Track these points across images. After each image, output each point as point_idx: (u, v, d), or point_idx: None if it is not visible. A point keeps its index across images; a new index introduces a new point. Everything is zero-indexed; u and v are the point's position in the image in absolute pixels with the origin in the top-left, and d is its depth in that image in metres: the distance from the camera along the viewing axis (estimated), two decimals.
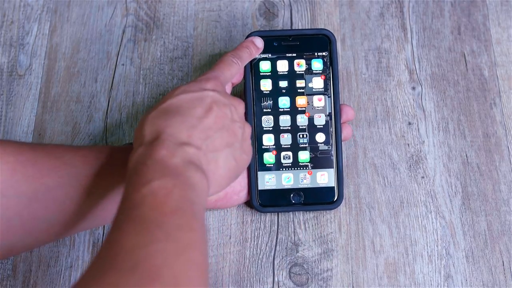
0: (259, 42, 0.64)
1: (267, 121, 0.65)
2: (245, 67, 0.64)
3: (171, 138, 0.50)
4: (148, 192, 0.46)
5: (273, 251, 0.65)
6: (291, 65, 0.65)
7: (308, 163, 0.65)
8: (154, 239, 0.43)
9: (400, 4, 0.75)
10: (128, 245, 0.43)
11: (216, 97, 0.55)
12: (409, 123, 0.70)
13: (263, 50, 0.65)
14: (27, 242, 0.55)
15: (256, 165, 0.64)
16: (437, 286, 0.64)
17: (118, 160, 0.58)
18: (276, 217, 0.66)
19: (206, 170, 0.51)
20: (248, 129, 0.59)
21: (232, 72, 0.60)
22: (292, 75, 0.65)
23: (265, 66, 0.65)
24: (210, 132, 0.53)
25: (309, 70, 0.65)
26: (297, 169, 0.64)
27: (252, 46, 0.63)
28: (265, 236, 0.65)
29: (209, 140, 0.53)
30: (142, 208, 0.45)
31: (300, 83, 0.65)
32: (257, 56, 0.65)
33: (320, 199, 0.64)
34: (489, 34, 0.74)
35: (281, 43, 0.65)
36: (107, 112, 0.70)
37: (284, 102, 0.65)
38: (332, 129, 0.64)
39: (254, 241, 0.65)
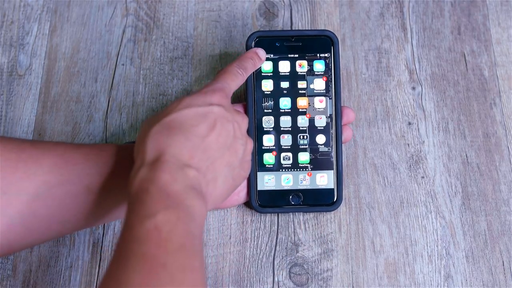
0: (263, 54, 0.64)
1: (268, 121, 0.65)
2: None
3: (173, 160, 0.50)
4: (152, 227, 0.46)
5: (273, 251, 0.65)
6: (293, 66, 0.65)
7: (308, 165, 0.64)
8: (159, 282, 0.44)
9: (400, 4, 0.75)
10: (133, 286, 0.43)
11: (220, 113, 0.54)
12: (409, 123, 0.70)
13: (265, 50, 0.64)
14: (27, 240, 0.55)
15: (256, 166, 0.64)
16: (437, 286, 0.64)
17: (119, 158, 0.58)
18: (276, 217, 0.66)
19: (205, 193, 0.52)
20: (249, 146, 0.59)
21: (237, 83, 0.59)
22: (293, 76, 0.65)
23: (267, 66, 0.65)
24: (212, 152, 0.53)
25: (310, 71, 0.65)
26: (297, 170, 0.64)
27: (256, 57, 0.63)
28: (265, 236, 0.65)
29: (210, 162, 0.53)
30: (147, 245, 0.45)
31: (301, 84, 0.65)
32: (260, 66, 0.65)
33: (319, 201, 0.64)
34: (489, 34, 0.74)
35: (283, 44, 0.65)
36: (107, 112, 0.70)
37: (285, 103, 0.65)
38: (333, 131, 0.64)
39: (254, 241, 0.65)
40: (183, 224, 0.47)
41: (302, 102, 0.65)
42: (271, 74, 0.65)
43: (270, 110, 0.65)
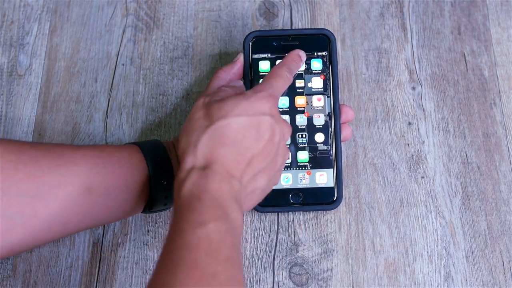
0: (303, 55, 0.63)
1: None
2: (244, 66, 0.64)
3: (222, 171, 0.50)
4: (204, 235, 0.46)
5: (273, 251, 0.65)
6: None
7: (307, 163, 0.64)
8: None
9: (400, 4, 0.75)
10: None
11: (271, 126, 0.54)
12: (409, 123, 0.70)
13: (263, 50, 0.65)
14: (28, 241, 0.55)
15: None
16: (437, 286, 0.64)
17: (119, 159, 0.58)
18: (276, 217, 0.66)
19: (242, 205, 0.52)
20: (286, 157, 0.58)
21: (285, 87, 0.58)
22: None
23: (264, 65, 0.65)
24: (256, 165, 0.53)
25: (308, 70, 0.65)
26: (296, 169, 0.64)
27: (299, 59, 0.62)
28: (265, 236, 0.65)
29: (252, 174, 0.53)
30: (198, 253, 0.46)
31: (299, 83, 0.65)
32: (257, 56, 0.65)
33: (319, 199, 0.64)
34: (489, 34, 0.74)
35: (280, 43, 0.65)
36: (107, 112, 0.70)
37: (283, 102, 0.65)
38: (332, 129, 0.64)
39: (254, 241, 0.65)
40: (230, 237, 0.48)
41: (300, 100, 0.65)
42: None
43: None
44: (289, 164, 0.64)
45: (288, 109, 0.65)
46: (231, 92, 0.56)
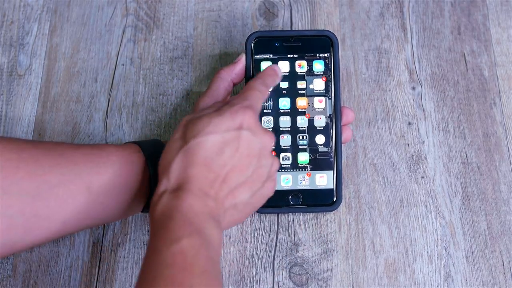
0: (279, 71, 0.63)
1: (267, 121, 0.64)
2: (246, 67, 0.64)
3: (195, 190, 0.52)
4: (178, 251, 0.48)
5: (273, 251, 0.65)
6: (292, 66, 0.65)
7: (307, 165, 0.64)
8: None
9: (400, 4, 0.75)
10: None
11: (247, 140, 0.54)
12: (409, 123, 0.70)
13: (265, 50, 0.64)
14: (28, 240, 0.55)
15: None
16: (437, 286, 0.64)
17: (119, 158, 0.58)
18: (276, 217, 0.66)
19: (221, 221, 0.53)
20: (275, 166, 0.58)
21: (263, 101, 0.59)
22: (293, 76, 0.65)
23: (266, 66, 0.65)
24: (232, 181, 0.54)
25: (310, 72, 0.65)
26: (296, 170, 0.64)
27: (275, 74, 0.62)
28: (265, 236, 0.65)
29: (229, 190, 0.54)
30: (174, 268, 0.47)
31: (301, 84, 0.65)
32: (259, 56, 0.65)
33: (318, 201, 0.64)
34: (489, 34, 0.74)
35: (282, 44, 0.65)
36: (107, 112, 0.70)
37: (284, 103, 0.65)
38: (332, 131, 0.64)
39: (254, 241, 0.65)
40: (205, 250, 0.49)
41: (301, 102, 0.65)
42: None
43: (270, 110, 0.65)
44: (289, 166, 0.64)
45: (289, 111, 0.65)
46: (209, 110, 0.57)
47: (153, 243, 0.50)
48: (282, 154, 0.64)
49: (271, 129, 0.64)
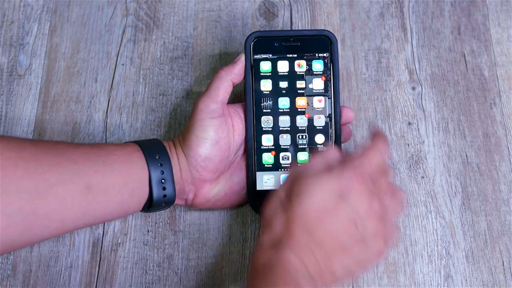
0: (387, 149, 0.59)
1: (267, 121, 0.64)
2: (245, 67, 0.64)
3: (295, 247, 0.52)
4: None
5: None
6: (291, 66, 0.65)
7: None
8: None
9: (400, 4, 0.75)
10: None
11: (351, 210, 0.53)
12: (409, 123, 0.70)
13: (264, 50, 0.65)
14: (27, 238, 0.55)
15: (255, 166, 0.64)
16: (437, 286, 0.64)
17: (119, 157, 0.58)
18: None
19: (317, 281, 0.52)
20: (388, 239, 0.55)
21: (375, 165, 0.55)
22: (292, 76, 0.65)
23: (265, 66, 0.65)
24: (330, 248, 0.53)
25: (309, 71, 0.65)
26: None
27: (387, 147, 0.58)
28: None
29: (327, 259, 0.52)
30: None
31: (300, 84, 0.65)
32: (259, 56, 0.65)
33: None
34: (489, 34, 0.74)
35: (282, 44, 0.65)
36: (107, 112, 0.70)
37: (284, 102, 0.65)
38: (332, 131, 0.64)
39: (254, 241, 0.65)
40: None
41: (301, 101, 0.65)
42: (270, 74, 0.65)
43: (269, 110, 0.65)
44: (289, 165, 0.64)
45: (288, 110, 0.65)
46: (320, 165, 0.55)
47: (252, 284, 0.52)
48: (281, 154, 0.64)
49: (270, 129, 0.64)
